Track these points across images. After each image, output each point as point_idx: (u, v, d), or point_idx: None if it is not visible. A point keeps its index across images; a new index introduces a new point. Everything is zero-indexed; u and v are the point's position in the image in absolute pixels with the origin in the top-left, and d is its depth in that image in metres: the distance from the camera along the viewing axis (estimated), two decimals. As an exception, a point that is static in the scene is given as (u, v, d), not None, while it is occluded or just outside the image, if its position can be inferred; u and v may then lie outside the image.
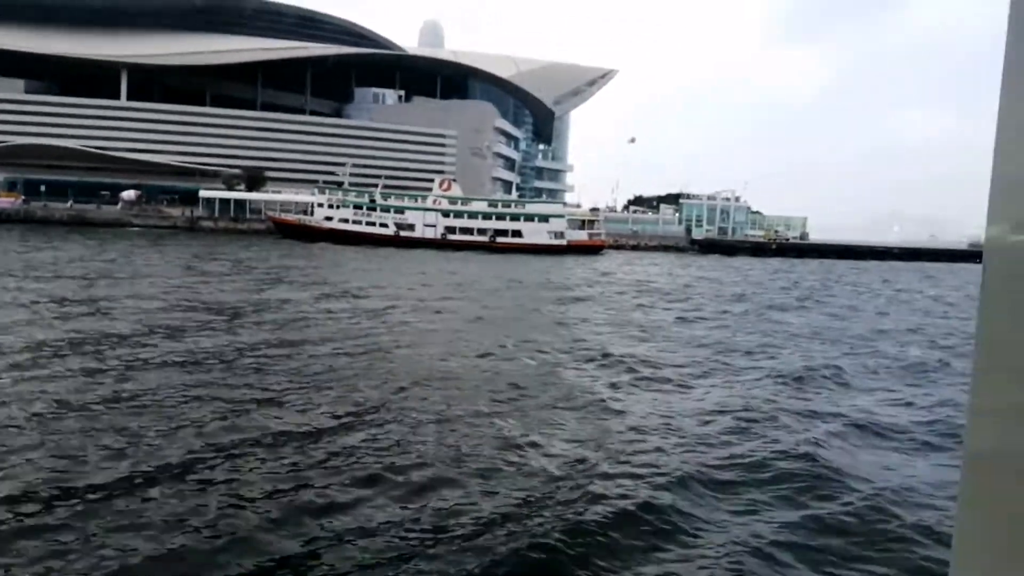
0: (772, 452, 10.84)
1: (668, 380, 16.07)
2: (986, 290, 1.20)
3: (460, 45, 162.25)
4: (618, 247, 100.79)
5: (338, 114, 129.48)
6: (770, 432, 11.95)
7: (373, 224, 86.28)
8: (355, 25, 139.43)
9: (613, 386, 15.17)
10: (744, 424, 12.41)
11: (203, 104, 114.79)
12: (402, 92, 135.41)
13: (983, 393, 1.24)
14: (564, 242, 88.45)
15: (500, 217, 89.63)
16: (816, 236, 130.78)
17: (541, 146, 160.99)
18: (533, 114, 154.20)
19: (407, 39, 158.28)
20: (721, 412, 13.20)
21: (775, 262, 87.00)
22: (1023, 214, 1.12)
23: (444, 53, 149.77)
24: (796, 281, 54.19)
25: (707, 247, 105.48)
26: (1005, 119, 1.09)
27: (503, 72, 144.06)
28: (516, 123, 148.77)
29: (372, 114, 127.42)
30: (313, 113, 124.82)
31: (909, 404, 14.80)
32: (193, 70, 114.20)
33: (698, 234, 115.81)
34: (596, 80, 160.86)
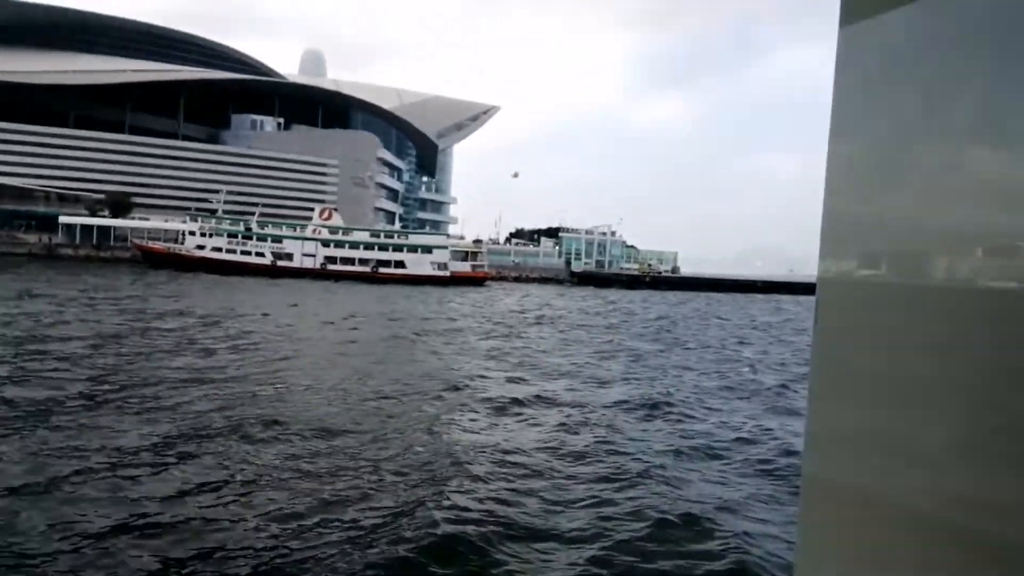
0: (623, 478, 11.16)
1: (524, 407, 16.37)
2: (819, 321, 1.26)
3: (343, 76, 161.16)
4: (501, 278, 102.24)
5: (213, 140, 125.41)
6: (620, 459, 12.32)
7: (249, 253, 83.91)
8: (232, 50, 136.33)
9: (467, 415, 15.32)
10: (593, 449, 12.79)
11: (66, 126, 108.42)
12: (281, 120, 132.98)
13: (818, 418, 1.30)
14: (447, 273, 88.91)
15: (383, 247, 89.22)
16: (686, 270, 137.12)
17: (424, 178, 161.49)
18: (416, 146, 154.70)
19: (288, 67, 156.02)
20: (569, 439, 13.54)
21: (647, 294, 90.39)
22: (849, 250, 1.22)
23: (326, 82, 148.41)
24: (665, 313, 56.53)
25: (585, 279, 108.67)
26: (832, 164, 1.20)
27: (386, 104, 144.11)
28: (399, 154, 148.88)
29: (250, 141, 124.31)
30: (186, 138, 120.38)
31: (759, 428, 15.56)
32: (56, 90, 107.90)
33: (577, 267, 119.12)
34: (479, 115, 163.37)
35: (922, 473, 1.13)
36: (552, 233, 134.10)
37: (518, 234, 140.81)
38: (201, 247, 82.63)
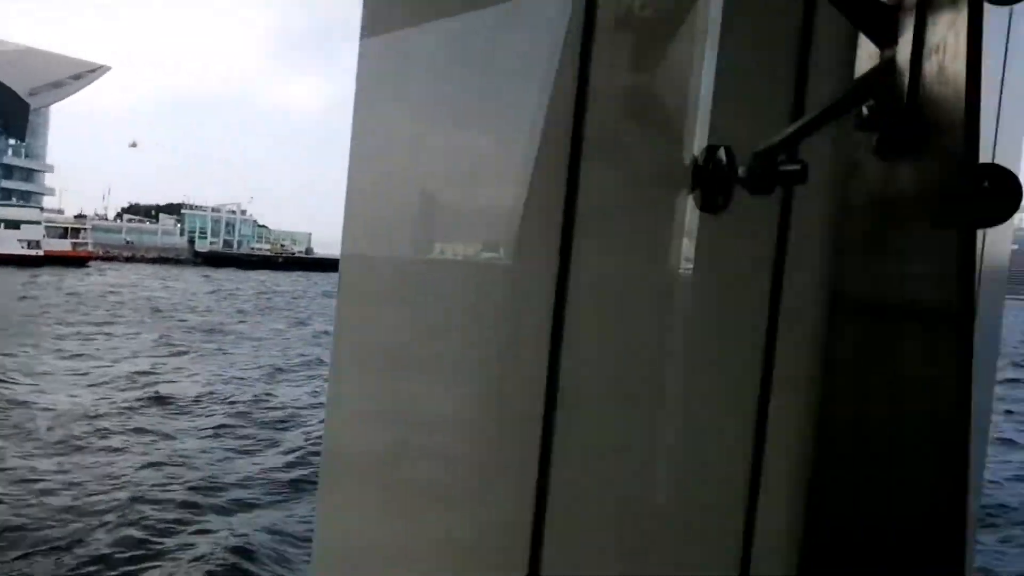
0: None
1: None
2: (341, 299, 1.31)
3: None
4: (110, 259, 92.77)
5: None
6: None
7: None
8: None
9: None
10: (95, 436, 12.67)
11: None
12: None
13: (339, 392, 1.33)
14: (40, 252, 78.25)
15: (-50, 221, 75.48)
16: (320, 251, 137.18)
17: (12, 141, 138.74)
18: (1, 104, 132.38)
19: None
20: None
21: (280, 275, 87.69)
22: (367, 231, 1.30)
23: None
24: (276, 300, 55.95)
25: (212, 260, 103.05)
26: (353, 157, 1.28)
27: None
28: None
29: None
30: None
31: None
32: None
33: (202, 246, 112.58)
34: (83, 74, 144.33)
35: (430, 440, 1.18)
36: (173, 210, 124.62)
37: (132, 209, 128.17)
38: None
